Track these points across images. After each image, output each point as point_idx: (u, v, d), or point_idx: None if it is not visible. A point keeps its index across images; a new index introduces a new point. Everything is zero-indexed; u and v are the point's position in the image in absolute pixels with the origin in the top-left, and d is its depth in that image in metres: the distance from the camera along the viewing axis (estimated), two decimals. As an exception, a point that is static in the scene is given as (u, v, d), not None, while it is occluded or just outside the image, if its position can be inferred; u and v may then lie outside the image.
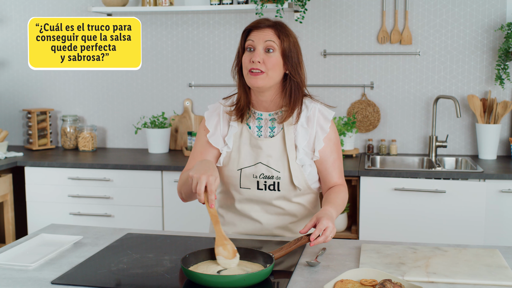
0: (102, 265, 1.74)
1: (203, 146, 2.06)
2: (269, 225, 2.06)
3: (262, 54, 1.93)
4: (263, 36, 1.94)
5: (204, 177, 1.71)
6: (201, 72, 4.06)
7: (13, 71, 4.28)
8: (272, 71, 1.93)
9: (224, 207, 2.13)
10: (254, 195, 2.02)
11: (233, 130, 2.03)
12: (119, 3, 3.83)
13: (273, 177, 1.99)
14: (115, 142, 4.24)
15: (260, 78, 1.92)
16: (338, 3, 3.83)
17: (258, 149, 2.00)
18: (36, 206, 3.65)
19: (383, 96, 3.87)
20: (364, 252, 1.82)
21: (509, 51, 3.54)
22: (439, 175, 3.25)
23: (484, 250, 1.84)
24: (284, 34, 1.95)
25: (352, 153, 3.74)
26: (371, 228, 3.30)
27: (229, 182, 2.04)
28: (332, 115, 2.04)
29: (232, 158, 2.02)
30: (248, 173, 2.01)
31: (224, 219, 2.12)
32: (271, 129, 2.03)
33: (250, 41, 1.95)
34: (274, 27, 1.96)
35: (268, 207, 2.04)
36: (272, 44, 1.93)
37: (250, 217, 2.06)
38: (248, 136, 2.02)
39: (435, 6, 3.73)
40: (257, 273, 1.55)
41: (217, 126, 2.06)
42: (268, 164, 1.99)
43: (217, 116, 2.07)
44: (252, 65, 1.92)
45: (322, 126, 2.01)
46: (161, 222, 3.54)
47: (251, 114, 2.04)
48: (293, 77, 1.97)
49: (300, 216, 2.09)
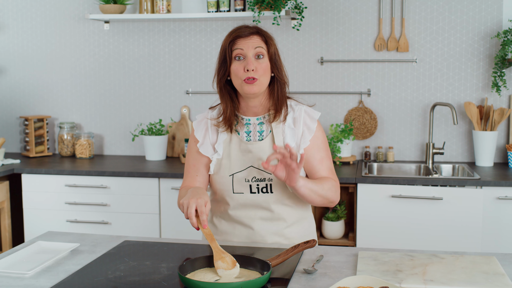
0: (99, 272, 1.74)
1: (195, 158, 2.09)
2: (263, 231, 2.06)
3: (254, 62, 1.96)
4: (251, 43, 1.97)
5: (193, 201, 1.75)
6: (199, 79, 4.06)
7: (10, 78, 4.28)
8: (264, 77, 1.98)
9: (217, 216, 2.13)
10: (247, 199, 2.03)
11: (223, 137, 2.06)
12: (116, 11, 3.84)
13: (265, 179, 2.01)
14: (112, 149, 4.23)
15: (255, 84, 1.96)
16: (335, 10, 3.84)
17: (248, 153, 2.02)
18: (33, 213, 3.64)
19: (380, 103, 3.87)
20: (361, 260, 1.82)
21: (505, 58, 3.55)
22: (436, 182, 3.25)
23: (481, 257, 1.84)
24: (269, 38, 2.02)
25: (349, 160, 3.74)
26: (368, 235, 3.30)
27: (222, 189, 2.05)
28: (318, 115, 2.08)
29: (223, 165, 2.04)
30: (240, 177, 2.02)
31: (217, 229, 2.13)
32: (259, 133, 2.06)
33: (239, 50, 1.97)
34: (258, 33, 2.00)
35: (262, 212, 2.05)
36: (262, 50, 1.97)
37: (244, 224, 2.07)
38: (237, 141, 2.04)
39: (432, 14, 3.75)
40: (254, 281, 1.55)
41: (206, 134, 2.09)
42: (259, 167, 2.01)
43: (205, 124, 2.10)
44: (247, 74, 1.94)
45: (309, 126, 2.05)
46: (158, 229, 3.53)
47: (238, 121, 2.07)
48: (279, 78, 2.03)
49: (293, 220, 2.10)
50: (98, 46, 4.15)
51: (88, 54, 4.17)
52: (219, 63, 2.02)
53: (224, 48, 1.99)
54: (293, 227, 2.10)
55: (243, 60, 1.96)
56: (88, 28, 4.14)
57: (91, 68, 4.18)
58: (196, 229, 1.76)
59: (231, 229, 2.09)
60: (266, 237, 2.07)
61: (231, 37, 1.99)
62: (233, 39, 1.98)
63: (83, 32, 4.15)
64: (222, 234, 2.11)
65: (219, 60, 2.03)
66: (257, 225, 2.06)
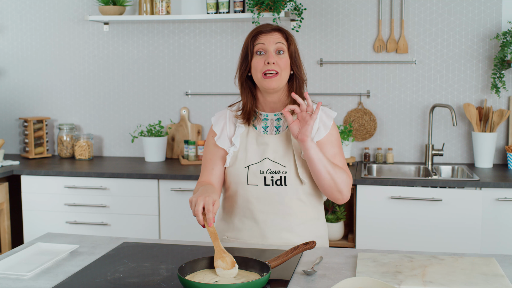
0: (99, 274, 1.73)
1: (212, 152, 2.13)
2: (274, 227, 2.07)
3: (275, 56, 2.02)
4: (273, 39, 2.04)
5: (201, 199, 1.77)
6: (198, 81, 4.06)
7: (9, 80, 4.28)
8: (284, 72, 2.05)
9: (229, 212, 2.14)
10: (261, 191, 2.05)
11: (240, 130, 2.10)
12: (115, 12, 3.84)
13: (279, 172, 2.04)
14: (111, 150, 4.23)
15: (274, 79, 2.02)
16: (335, 12, 3.84)
17: (264, 145, 2.07)
18: (32, 214, 3.64)
19: (380, 104, 3.88)
20: (361, 261, 1.82)
21: (504, 60, 3.56)
22: (435, 183, 3.26)
23: (481, 258, 1.84)
24: (290, 36, 2.09)
25: (349, 162, 3.74)
26: (368, 237, 3.30)
27: (237, 181, 2.07)
28: (335, 115, 2.13)
29: (239, 157, 2.07)
30: (255, 169, 2.05)
31: (229, 225, 2.14)
32: (276, 128, 2.10)
33: (260, 44, 2.04)
34: (280, 31, 2.08)
35: (275, 206, 2.06)
36: (282, 46, 2.05)
37: (255, 220, 2.08)
38: (254, 135, 2.09)
39: (431, 15, 3.75)
40: (253, 282, 1.55)
41: (224, 128, 2.13)
42: (275, 160, 2.05)
43: (224, 119, 2.16)
44: (267, 66, 2.01)
45: (325, 122, 2.09)
46: (157, 230, 3.53)
47: (257, 116, 2.12)
48: (299, 76, 2.11)
49: (306, 218, 2.10)
50: (97, 47, 4.15)
51: (87, 55, 4.17)
52: (241, 58, 2.09)
53: (246, 44, 2.07)
54: (305, 225, 2.11)
55: (264, 55, 2.03)
56: (88, 30, 4.14)
57: (90, 69, 4.18)
58: (202, 226, 1.77)
59: (241, 225, 2.10)
60: (277, 233, 2.07)
61: (254, 33, 2.07)
62: (255, 34, 2.06)
63: (83, 34, 4.15)
64: (233, 230, 2.12)
65: (241, 55, 2.10)
66: (269, 220, 2.07)
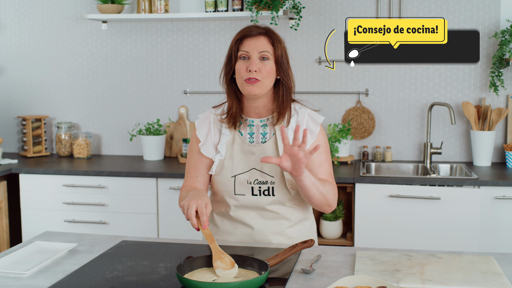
0: (97, 272, 1.73)
1: (196, 158, 2.09)
2: (265, 231, 2.06)
3: (258, 63, 1.95)
4: (257, 45, 1.96)
5: (193, 202, 1.76)
6: (196, 79, 4.06)
7: (8, 78, 4.28)
8: (267, 79, 1.97)
9: (219, 215, 2.13)
10: (249, 201, 2.03)
11: (225, 138, 2.05)
12: (114, 10, 3.84)
13: (267, 182, 2.01)
14: (110, 149, 4.23)
15: (256, 86, 1.95)
16: (333, 10, 3.84)
17: (251, 155, 2.02)
18: (30, 213, 3.63)
19: (378, 103, 3.88)
20: (359, 259, 1.82)
21: (503, 58, 3.56)
22: (434, 182, 3.26)
23: (479, 257, 1.84)
24: (277, 41, 2.00)
25: (347, 160, 3.74)
26: (366, 235, 3.30)
27: (223, 190, 2.05)
28: (322, 120, 2.07)
29: (225, 166, 2.04)
30: (242, 179, 2.02)
31: (219, 229, 2.12)
32: (263, 135, 2.05)
33: (244, 51, 1.97)
34: (266, 35, 1.99)
35: (263, 212, 2.05)
36: (267, 53, 1.97)
37: (245, 224, 2.06)
38: (240, 143, 2.04)
39: (429, 14, 3.75)
40: (252, 281, 1.55)
41: (208, 134, 2.08)
42: (262, 170, 2.01)
43: (208, 124, 2.09)
44: (249, 74, 1.94)
45: (311, 129, 2.04)
46: (156, 229, 3.53)
47: (242, 121, 2.07)
48: (285, 82, 2.01)
49: (295, 220, 2.09)
50: (96, 46, 4.14)
51: (86, 54, 4.16)
52: (226, 59, 2.03)
53: (231, 47, 2.01)
54: (295, 227, 2.10)
55: (247, 60, 1.97)
56: (86, 28, 4.13)
57: (89, 68, 4.18)
58: (196, 229, 1.76)
59: (233, 229, 2.09)
60: (268, 237, 2.06)
61: (239, 36, 2.00)
62: (240, 37, 1.99)
63: (81, 32, 4.15)
64: (223, 233, 2.11)
65: (226, 56, 2.04)
66: (259, 224, 2.06)
